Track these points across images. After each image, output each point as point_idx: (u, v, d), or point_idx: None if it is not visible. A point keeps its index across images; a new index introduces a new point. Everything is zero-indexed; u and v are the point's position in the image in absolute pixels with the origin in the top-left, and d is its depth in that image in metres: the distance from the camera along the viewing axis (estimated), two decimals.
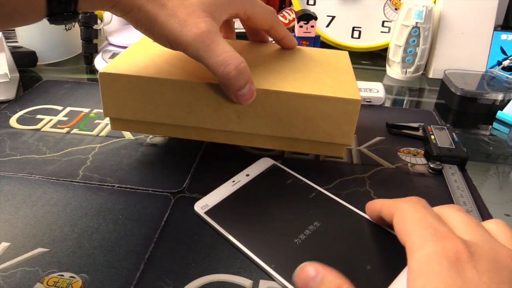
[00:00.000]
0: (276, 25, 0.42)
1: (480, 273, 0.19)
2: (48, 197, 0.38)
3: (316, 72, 0.40)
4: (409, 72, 0.69)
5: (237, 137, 0.40)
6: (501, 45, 0.69)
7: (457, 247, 0.20)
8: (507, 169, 0.46)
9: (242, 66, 0.33)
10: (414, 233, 0.23)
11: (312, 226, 0.32)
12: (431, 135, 0.47)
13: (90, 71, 0.69)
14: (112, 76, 0.37)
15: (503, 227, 0.24)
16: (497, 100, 0.57)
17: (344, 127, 0.37)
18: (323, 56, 0.45)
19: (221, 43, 0.33)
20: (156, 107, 0.38)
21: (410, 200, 0.26)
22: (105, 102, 0.38)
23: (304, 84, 0.37)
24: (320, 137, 0.38)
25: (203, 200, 0.36)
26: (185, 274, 0.30)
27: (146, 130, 0.41)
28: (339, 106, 0.36)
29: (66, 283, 0.29)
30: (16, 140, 0.47)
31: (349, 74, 0.41)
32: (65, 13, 0.30)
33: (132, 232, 0.34)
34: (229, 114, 0.37)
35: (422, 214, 0.24)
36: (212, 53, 0.32)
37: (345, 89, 0.37)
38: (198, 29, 0.32)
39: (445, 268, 0.19)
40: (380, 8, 0.76)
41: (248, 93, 0.35)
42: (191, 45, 0.32)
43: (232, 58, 0.33)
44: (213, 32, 0.33)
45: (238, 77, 0.33)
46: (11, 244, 0.32)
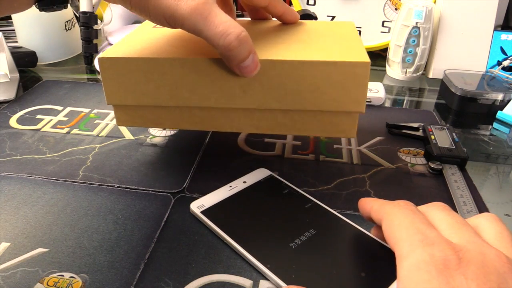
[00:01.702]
0: (274, 1, 0.41)
1: (468, 279, 0.19)
2: (48, 197, 0.38)
3: (322, 41, 0.39)
4: (409, 72, 0.69)
5: (243, 123, 0.38)
6: (501, 45, 0.69)
7: (445, 253, 0.20)
8: (507, 169, 0.46)
9: (243, 36, 0.31)
10: (402, 240, 0.23)
11: (307, 233, 0.32)
12: (431, 135, 0.47)
13: (90, 71, 0.69)
14: (111, 61, 0.36)
15: (493, 223, 0.24)
16: (497, 100, 0.57)
17: (354, 93, 0.35)
18: (328, 27, 0.43)
19: (219, 14, 0.31)
20: (158, 89, 0.37)
21: (398, 204, 0.26)
22: (107, 88, 0.37)
23: (309, 52, 0.35)
24: (330, 106, 0.36)
25: (199, 201, 0.36)
26: (185, 274, 0.30)
27: (150, 122, 0.39)
28: (348, 71, 0.34)
29: (66, 283, 0.29)
30: (16, 140, 0.47)
31: (356, 40, 0.39)
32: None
33: (132, 232, 0.34)
34: (234, 89, 0.36)
35: (410, 219, 0.24)
36: (211, 24, 0.31)
37: (352, 53, 0.35)
38: (194, 1, 0.30)
39: (434, 277, 0.19)
40: (380, 8, 0.76)
41: (252, 64, 0.33)
42: (188, 18, 0.31)
43: (231, 28, 0.31)
44: (209, 3, 0.31)
45: (239, 48, 0.31)
46: (11, 244, 0.32)
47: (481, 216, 0.25)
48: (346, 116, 0.37)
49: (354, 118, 0.37)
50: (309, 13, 0.64)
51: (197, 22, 0.31)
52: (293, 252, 0.30)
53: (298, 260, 0.30)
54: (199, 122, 0.39)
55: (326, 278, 0.28)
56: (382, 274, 0.28)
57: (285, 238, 0.32)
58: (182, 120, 0.39)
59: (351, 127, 0.37)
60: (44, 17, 0.68)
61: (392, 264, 0.24)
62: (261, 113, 0.37)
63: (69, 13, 0.73)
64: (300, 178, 0.41)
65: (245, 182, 0.38)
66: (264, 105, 0.36)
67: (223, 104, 0.36)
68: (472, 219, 0.25)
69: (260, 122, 0.38)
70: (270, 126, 0.38)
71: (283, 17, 0.43)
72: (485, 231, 0.24)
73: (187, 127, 0.39)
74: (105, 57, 0.36)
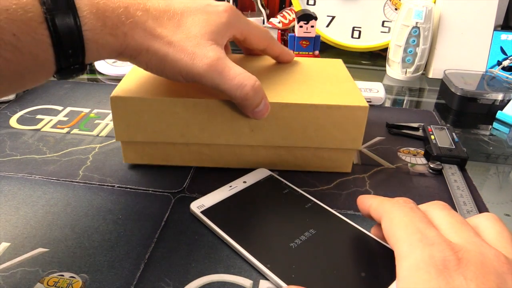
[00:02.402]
0: (272, 44, 0.44)
1: (468, 280, 0.19)
2: (48, 197, 0.38)
3: (320, 82, 0.42)
4: (409, 72, 0.69)
5: (248, 160, 0.41)
6: (501, 45, 0.69)
7: (445, 254, 0.20)
8: (507, 169, 0.46)
9: (257, 85, 0.35)
10: (402, 240, 0.23)
11: (307, 232, 0.32)
12: (431, 135, 0.47)
13: (90, 71, 0.69)
14: (124, 100, 0.37)
15: (493, 223, 0.24)
16: (497, 100, 0.57)
17: (353, 132, 0.39)
18: (320, 66, 0.46)
19: (232, 67, 0.34)
20: (169, 128, 0.38)
21: (397, 202, 0.26)
22: (118, 126, 0.38)
23: (313, 95, 0.39)
24: (331, 143, 0.39)
25: (199, 200, 0.36)
26: (185, 274, 0.30)
27: (158, 159, 0.41)
28: (349, 113, 0.38)
29: (66, 283, 0.29)
30: (16, 140, 0.47)
31: (350, 82, 0.42)
32: (72, 66, 0.30)
33: (132, 232, 0.34)
34: (243, 129, 0.38)
35: (410, 218, 0.24)
36: (226, 78, 0.34)
37: (351, 97, 0.39)
38: (208, 58, 0.33)
39: (434, 277, 0.20)
40: (380, 8, 0.76)
41: (264, 108, 0.36)
42: (205, 75, 0.33)
43: (246, 79, 0.34)
44: (222, 58, 0.34)
45: (254, 96, 0.35)
46: (12, 244, 0.32)
47: (481, 216, 0.25)
48: (343, 153, 0.41)
49: (350, 155, 0.41)
50: (309, 13, 0.64)
51: (213, 78, 0.34)
52: (293, 252, 0.30)
53: (298, 260, 0.30)
54: (206, 159, 0.41)
55: (326, 278, 0.28)
56: (382, 274, 0.28)
57: (285, 238, 0.32)
58: (190, 157, 0.41)
59: (347, 163, 0.42)
60: None
61: (392, 264, 0.24)
62: (266, 150, 0.40)
63: None
64: (300, 178, 0.41)
65: (245, 182, 0.38)
66: (270, 142, 0.39)
67: (232, 141, 0.39)
68: (472, 219, 0.25)
69: (265, 159, 0.41)
70: (274, 162, 0.41)
71: (280, 57, 0.46)
72: (485, 231, 0.24)
73: (194, 163, 0.42)
74: (118, 96, 0.37)
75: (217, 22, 0.36)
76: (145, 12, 0.33)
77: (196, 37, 0.34)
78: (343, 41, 0.79)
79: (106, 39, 0.31)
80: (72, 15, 0.28)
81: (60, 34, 0.28)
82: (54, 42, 0.28)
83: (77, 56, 0.30)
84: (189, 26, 0.34)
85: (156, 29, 0.33)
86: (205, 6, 0.36)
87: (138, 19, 0.32)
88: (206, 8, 0.36)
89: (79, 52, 0.30)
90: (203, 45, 0.34)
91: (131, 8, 0.32)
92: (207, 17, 0.36)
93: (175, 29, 0.34)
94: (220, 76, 0.33)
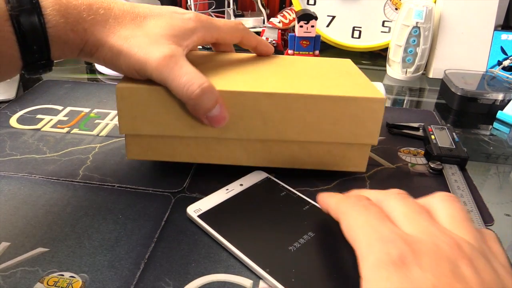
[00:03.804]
0: (246, 35, 0.43)
1: (424, 270, 0.21)
2: (48, 197, 0.38)
3: (332, 77, 0.40)
4: (409, 72, 0.69)
5: (259, 157, 0.39)
6: (501, 45, 0.69)
7: (401, 249, 0.22)
8: (507, 169, 0.46)
9: (206, 86, 0.33)
10: (359, 241, 0.24)
11: (306, 235, 0.32)
12: (431, 135, 0.47)
13: (90, 71, 0.69)
14: (130, 90, 0.35)
15: (445, 204, 0.26)
16: (497, 100, 0.57)
17: (369, 126, 0.37)
18: (330, 64, 0.45)
19: (184, 65, 0.33)
20: (177, 119, 0.36)
21: (351, 202, 0.27)
22: (122, 118, 0.36)
23: (327, 87, 0.37)
24: (347, 138, 0.38)
25: (196, 204, 0.35)
26: (185, 274, 0.30)
27: (164, 155, 0.39)
28: (366, 106, 0.36)
29: (66, 283, 0.29)
30: (16, 140, 0.47)
31: (363, 78, 0.41)
32: (38, 62, 0.32)
33: (132, 232, 0.34)
34: (255, 121, 0.36)
35: (364, 217, 0.25)
36: (176, 75, 0.33)
37: (367, 90, 0.37)
38: (161, 53, 0.33)
39: (393, 273, 0.21)
40: (380, 8, 0.76)
41: (218, 114, 0.34)
42: (155, 69, 0.33)
43: (194, 78, 0.33)
44: (176, 56, 0.33)
45: (202, 97, 0.33)
46: (11, 244, 0.32)
47: (436, 197, 0.27)
48: (358, 150, 0.39)
49: (366, 152, 0.39)
50: (310, 13, 0.64)
51: (162, 73, 0.33)
52: (292, 255, 0.30)
53: (297, 264, 0.30)
54: (215, 156, 0.39)
55: (327, 281, 0.28)
56: None
57: (284, 242, 0.31)
58: (197, 153, 0.39)
59: (362, 161, 0.40)
60: None
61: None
62: (278, 146, 0.39)
63: None
64: (300, 178, 0.41)
65: (241, 185, 0.38)
66: (283, 136, 0.37)
67: (244, 135, 0.37)
68: (428, 199, 0.27)
69: (277, 156, 0.39)
70: (287, 160, 0.39)
71: (258, 48, 0.45)
72: (439, 214, 0.25)
73: (202, 160, 0.39)
74: (124, 86, 0.35)
75: (181, 26, 0.36)
76: (107, 11, 0.34)
77: (155, 35, 0.34)
78: (343, 41, 0.79)
79: (68, 35, 0.32)
80: (36, 13, 0.30)
81: (24, 31, 0.30)
82: (19, 39, 0.30)
83: (42, 52, 0.31)
84: (151, 27, 0.35)
85: (115, 27, 0.33)
86: (171, 13, 0.37)
87: (99, 17, 0.33)
88: (172, 14, 0.37)
89: (44, 48, 0.31)
90: (160, 43, 0.33)
91: (94, 6, 0.33)
92: (171, 21, 0.36)
93: (134, 27, 0.34)
94: (170, 73, 0.33)
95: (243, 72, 0.40)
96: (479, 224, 0.35)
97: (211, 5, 0.79)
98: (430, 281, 0.20)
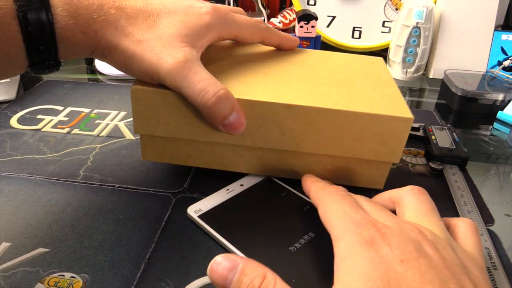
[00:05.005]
0: (268, 35, 0.42)
1: (392, 248, 0.23)
2: (48, 197, 0.38)
3: (360, 84, 0.38)
4: (409, 72, 0.69)
5: (275, 168, 0.38)
6: (501, 45, 0.69)
7: (371, 232, 0.25)
8: (507, 169, 0.46)
9: (222, 93, 0.32)
10: (336, 224, 0.27)
11: (307, 236, 0.32)
12: (431, 135, 0.47)
13: (91, 71, 0.69)
14: (145, 92, 0.34)
15: (413, 196, 0.29)
16: (497, 100, 0.57)
17: (393, 145, 0.35)
18: (360, 64, 0.43)
19: (199, 71, 0.32)
20: (192, 124, 0.35)
21: (330, 191, 0.30)
22: (137, 119, 0.36)
23: (352, 101, 0.35)
24: (368, 155, 0.36)
25: (196, 205, 0.35)
26: (186, 274, 0.30)
27: (179, 159, 0.38)
28: (391, 125, 0.34)
29: (67, 283, 0.29)
30: (17, 140, 0.47)
31: (393, 87, 0.39)
32: (46, 61, 0.31)
33: (132, 232, 0.34)
34: (272, 131, 0.35)
35: (340, 204, 0.28)
36: (190, 82, 0.31)
37: (394, 106, 0.35)
38: (175, 59, 0.31)
39: (365, 250, 0.24)
40: (381, 8, 0.76)
41: (235, 121, 0.33)
42: (169, 75, 0.32)
43: (210, 86, 0.31)
44: (190, 61, 0.32)
45: (218, 104, 0.31)
46: (12, 244, 0.32)
47: (405, 189, 0.30)
48: (377, 167, 0.37)
49: (385, 169, 0.38)
50: (310, 13, 0.64)
51: (176, 80, 0.32)
52: (293, 256, 0.30)
53: (298, 264, 0.30)
54: (229, 163, 0.38)
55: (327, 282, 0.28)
56: None
57: (284, 242, 0.31)
58: (212, 160, 0.38)
59: (381, 178, 0.38)
60: None
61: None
62: (294, 159, 0.37)
63: None
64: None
65: (242, 185, 0.38)
66: (301, 148, 0.36)
67: (260, 144, 0.36)
68: (398, 191, 0.31)
69: (291, 168, 0.38)
70: (301, 172, 0.37)
71: (282, 46, 0.44)
72: (406, 203, 0.29)
73: (216, 167, 0.39)
74: (139, 87, 0.34)
75: (196, 24, 0.34)
76: (119, 11, 0.32)
77: (168, 38, 0.33)
78: (344, 41, 0.79)
79: (77, 37, 0.31)
80: (45, 12, 0.29)
81: (31, 30, 0.29)
82: (25, 38, 0.29)
83: (49, 53, 0.30)
84: (164, 27, 0.33)
85: (127, 28, 0.32)
86: (186, 8, 0.35)
87: (110, 17, 0.32)
88: (187, 9, 0.35)
89: (51, 49, 0.30)
90: (174, 46, 0.32)
91: (106, 5, 0.32)
92: (185, 18, 0.34)
93: (147, 28, 0.33)
94: (184, 80, 0.31)
95: (264, 73, 0.38)
96: (479, 224, 0.35)
97: None
98: (398, 256, 0.23)
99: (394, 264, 0.23)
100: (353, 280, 0.23)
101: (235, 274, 0.24)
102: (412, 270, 0.22)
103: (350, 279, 0.23)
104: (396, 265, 0.23)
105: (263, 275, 0.24)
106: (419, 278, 0.22)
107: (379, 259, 0.23)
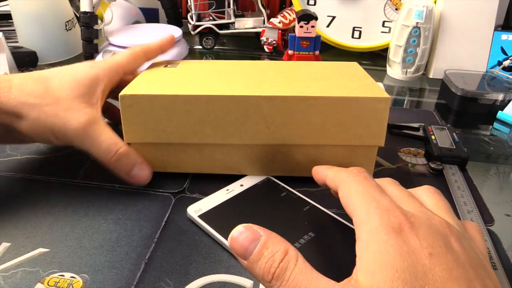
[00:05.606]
0: (146, 49, 0.44)
1: (420, 239, 0.22)
2: (48, 197, 0.38)
3: (337, 78, 0.40)
4: (409, 72, 0.69)
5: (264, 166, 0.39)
6: (501, 45, 0.69)
7: (399, 219, 0.23)
8: (507, 169, 0.46)
9: (121, 151, 0.36)
10: (360, 207, 0.25)
11: (307, 236, 0.32)
12: (431, 135, 0.47)
13: None
14: (134, 98, 0.36)
15: (429, 195, 0.28)
16: (497, 100, 0.57)
17: (375, 127, 0.37)
18: (336, 67, 0.45)
19: (103, 132, 0.36)
20: (181, 127, 0.37)
21: (351, 172, 0.28)
22: (127, 127, 0.37)
23: (330, 89, 0.37)
24: (352, 140, 0.37)
25: (196, 204, 0.35)
26: (186, 274, 0.30)
27: (171, 166, 0.40)
28: (371, 106, 0.36)
29: (67, 283, 0.29)
30: None
31: (368, 79, 0.41)
32: None
33: (132, 232, 0.34)
34: (258, 126, 0.36)
35: (364, 187, 0.26)
36: (95, 142, 0.36)
37: (371, 90, 0.37)
38: (79, 124, 0.35)
39: (392, 237, 0.22)
40: (381, 8, 0.77)
41: (140, 173, 0.38)
42: (76, 138, 0.36)
43: (112, 145, 0.36)
44: (93, 123, 0.36)
45: (120, 161, 0.37)
46: (12, 244, 0.32)
47: (422, 188, 0.29)
48: (365, 152, 0.39)
49: (372, 154, 0.39)
50: (310, 13, 0.64)
51: (84, 142, 0.36)
52: None
53: None
54: (219, 166, 0.40)
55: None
56: None
57: None
58: (202, 164, 0.40)
59: (369, 164, 0.39)
60: (44, 17, 0.68)
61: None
62: (282, 155, 0.39)
63: (69, 13, 0.74)
64: (300, 178, 0.41)
65: (242, 185, 0.38)
66: (287, 140, 0.37)
67: (247, 140, 0.37)
68: (414, 190, 0.29)
69: (281, 165, 0.39)
70: (291, 168, 0.39)
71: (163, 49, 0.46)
72: (426, 202, 0.27)
73: (208, 171, 0.40)
74: (127, 94, 0.36)
75: (85, 78, 0.37)
76: (7, 82, 0.35)
77: (66, 101, 0.36)
78: (344, 41, 0.79)
79: None
80: None
81: None
82: None
83: None
84: (57, 89, 0.36)
85: (21, 94, 0.35)
86: (72, 66, 0.39)
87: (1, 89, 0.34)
88: (72, 68, 0.39)
89: None
90: (75, 109, 0.36)
91: None
92: (74, 75, 0.37)
93: (42, 93, 0.35)
94: (91, 141, 0.36)
95: (245, 78, 0.40)
96: (480, 224, 0.35)
97: (211, 5, 0.79)
98: (426, 249, 0.22)
99: (422, 256, 0.21)
100: (379, 270, 0.21)
101: (256, 246, 0.24)
102: (440, 266, 0.21)
103: (375, 267, 0.21)
104: (424, 258, 0.21)
105: (285, 251, 0.23)
106: (446, 275, 0.21)
107: (407, 249, 0.22)
